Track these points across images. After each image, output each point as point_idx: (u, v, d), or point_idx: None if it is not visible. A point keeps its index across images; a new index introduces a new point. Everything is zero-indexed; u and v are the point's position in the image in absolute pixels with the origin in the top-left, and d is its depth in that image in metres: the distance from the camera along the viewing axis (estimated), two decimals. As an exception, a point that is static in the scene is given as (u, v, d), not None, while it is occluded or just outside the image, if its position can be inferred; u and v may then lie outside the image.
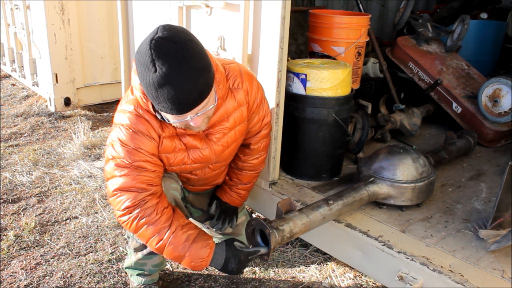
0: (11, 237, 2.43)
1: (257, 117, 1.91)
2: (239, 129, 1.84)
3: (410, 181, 2.01)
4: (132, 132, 1.60)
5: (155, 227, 1.63)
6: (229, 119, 1.77)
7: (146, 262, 1.96)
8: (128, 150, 1.60)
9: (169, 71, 1.35)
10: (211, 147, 1.77)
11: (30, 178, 3.10)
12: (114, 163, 1.62)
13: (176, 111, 1.44)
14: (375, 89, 3.40)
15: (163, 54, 1.35)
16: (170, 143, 1.68)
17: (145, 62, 1.37)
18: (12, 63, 4.81)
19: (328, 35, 2.80)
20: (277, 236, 1.63)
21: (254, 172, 2.07)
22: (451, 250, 1.79)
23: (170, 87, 1.37)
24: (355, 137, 2.61)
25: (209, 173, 1.94)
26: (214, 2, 2.23)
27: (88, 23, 4.15)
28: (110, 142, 1.64)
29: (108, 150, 1.65)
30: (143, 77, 1.40)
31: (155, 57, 1.34)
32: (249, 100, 1.82)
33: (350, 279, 2.19)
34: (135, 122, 1.60)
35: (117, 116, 1.66)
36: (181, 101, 1.41)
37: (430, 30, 3.43)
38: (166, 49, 1.35)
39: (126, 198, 1.61)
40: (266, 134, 2.01)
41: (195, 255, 1.66)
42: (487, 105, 2.97)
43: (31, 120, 4.19)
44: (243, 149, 2.01)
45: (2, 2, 4.67)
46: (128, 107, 1.63)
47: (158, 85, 1.37)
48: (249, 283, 2.16)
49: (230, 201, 2.10)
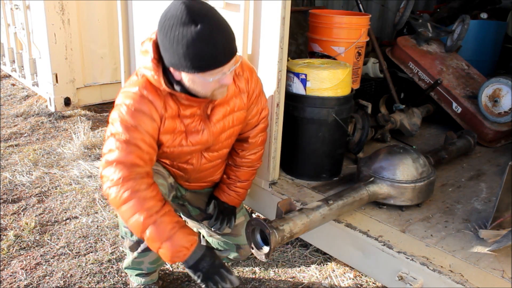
0: (11, 237, 2.43)
1: (256, 108, 1.95)
2: (238, 116, 1.87)
3: (410, 181, 2.01)
4: (133, 110, 1.63)
5: (146, 203, 1.59)
6: (229, 102, 1.83)
7: (143, 260, 1.94)
8: (127, 127, 1.62)
9: (209, 24, 1.47)
10: (210, 128, 1.81)
11: (30, 178, 3.10)
12: (112, 139, 1.64)
13: (219, 63, 1.53)
14: (375, 89, 3.40)
15: (198, 12, 1.47)
16: (172, 123, 1.72)
17: (183, 20, 1.46)
18: (12, 63, 4.81)
19: (328, 35, 2.80)
20: (277, 236, 1.63)
21: (251, 168, 2.08)
22: (451, 250, 1.79)
23: (213, 38, 1.48)
24: (355, 137, 2.61)
25: (205, 164, 1.95)
26: (214, 2, 2.22)
27: (88, 23, 4.15)
28: (111, 121, 1.67)
29: (108, 129, 1.68)
30: (181, 37, 1.48)
31: (192, 14, 1.46)
32: (249, 89, 1.87)
33: (350, 279, 2.19)
34: (138, 101, 1.64)
35: (120, 97, 1.68)
36: (223, 50, 1.52)
37: (430, 30, 3.43)
38: (199, 8, 1.49)
39: (121, 169, 1.59)
40: (264, 128, 2.04)
41: (179, 241, 1.60)
42: (487, 105, 2.97)
43: (31, 120, 4.19)
44: (241, 144, 2.03)
45: (2, 2, 4.67)
46: (132, 88, 1.67)
47: (202, 38, 1.46)
48: (249, 283, 2.16)
49: (229, 200, 2.10)
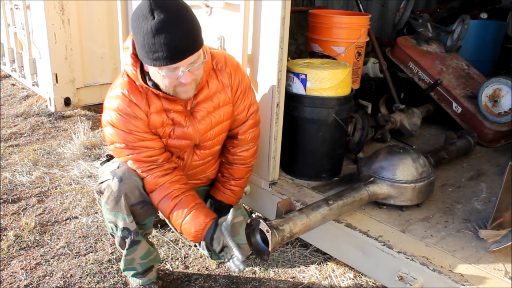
0: (11, 237, 2.43)
1: (243, 104, 1.96)
2: (224, 111, 1.89)
3: (410, 181, 2.01)
4: (120, 116, 1.70)
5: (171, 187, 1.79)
6: (213, 98, 1.85)
7: (133, 257, 1.93)
8: (121, 134, 1.72)
9: (166, 18, 1.48)
10: (195, 125, 1.83)
11: (30, 178, 3.10)
12: (116, 150, 1.77)
13: (171, 59, 1.53)
14: (375, 89, 3.40)
15: (161, 5, 1.49)
16: (158, 118, 1.76)
17: (143, 13, 1.50)
18: (12, 63, 4.81)
19: (328, 35, 2.80)
20: (277, 236, 1.63)
21: (245, 166, 2.08)
22: (451, 250, 1.79)
23: (167, 32, 1.48)
24: (355, 137, 2.61)
25: (197, 161, 1.98)
26: (214, 2, 2.23)
27: (88, 23, 4.15)
28: (106, 132, 1.76)
29: (106, 138, 1.78)
30: (140, 28, 1.51)
31: (153, 7, 1.48)
32: (232, 84, 1.89)
33: (350, 279, 2.18)
34: (122, 105, 1.70)
35: (106, 102, 1.76)
36: (177, 46, 1.51)
37: (430, 30, 3.43)
38: (163, 1, 1.50)
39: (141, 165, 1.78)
40: (254, 124, 2.04)
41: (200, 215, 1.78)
42: (487, 105, 2.97)
43: (31, 120, 4.19)
44: (231, 141, 2.05)
45: (2, 2, 4.66)
46: (116, 91, 1.73)
47: (156, 31, 1.48)
48: (249, 283, 2.16)
49: (224, 199, 2.10)
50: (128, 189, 1.77)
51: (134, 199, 1.80)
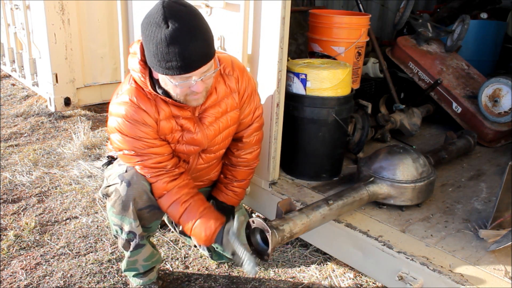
0: (11, 237, 2.43)
1: (248, 108, 1.95)
2: (232, 116, 1.88)
3: (410, 181, 2.01)
4: (128, 123, 1.68)
5: (181, 191, 1.79)
6: (221, 104, 1.83)
7: (136, 259, 1.94)
8: (130, 141, 1.69)
9: (181, 27, 1.45)
10: (203, 131, 1.82)
11: (30, 178, 3.09)
12: (125, 157, 1.75)
13: (185, 69, 1.51)
14: (375, 89, 3.40)
15: (175, 13, 1.46)
16: (168, 124, 1.75)
17: (156, 21, 1.46)
18: (12, 63, 4.81)
19: (328, 35, 2.80)
20: (277, 236, 1.63)
21: (248, 168, 2.08)
22: (451, 250, 1.79)
23: (181, 42, 1.46)
24: (355, 137, 2.61)
25: (201, 165, 1.97)
26: (214, 2, 2.23)
27: (88, 23, 4.15)
28: (113, 138, 1.73)
29: (114, 145, 1.75)
30: (153, 36, 1.48)
31: (167, 15, 1.44)
32: (239, 88, 1.87)
33: (350, 279, 2.18)
34: (130, 112, 1.68)
35: (113, 108, 1.72)
36: (191, 57, 1.49)
37: (430, 30, 3.43)
38: (177, 9, 1.47)
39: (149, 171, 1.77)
40: (258, 127, 2.03)
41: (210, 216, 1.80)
42: (487, 105, 2.97)
43: (31, 120, 4.19)
44: (235, 144, 2.04)
45: (2, 2, 4.66)
46: (124, 97, 1.70)
47: (170, 40, 1.45)
48: (249, 283, 2.16)
49: (227, 200, 2.10)
50: (137, 194, 1.77)
51: (142, 203, 1.80)
